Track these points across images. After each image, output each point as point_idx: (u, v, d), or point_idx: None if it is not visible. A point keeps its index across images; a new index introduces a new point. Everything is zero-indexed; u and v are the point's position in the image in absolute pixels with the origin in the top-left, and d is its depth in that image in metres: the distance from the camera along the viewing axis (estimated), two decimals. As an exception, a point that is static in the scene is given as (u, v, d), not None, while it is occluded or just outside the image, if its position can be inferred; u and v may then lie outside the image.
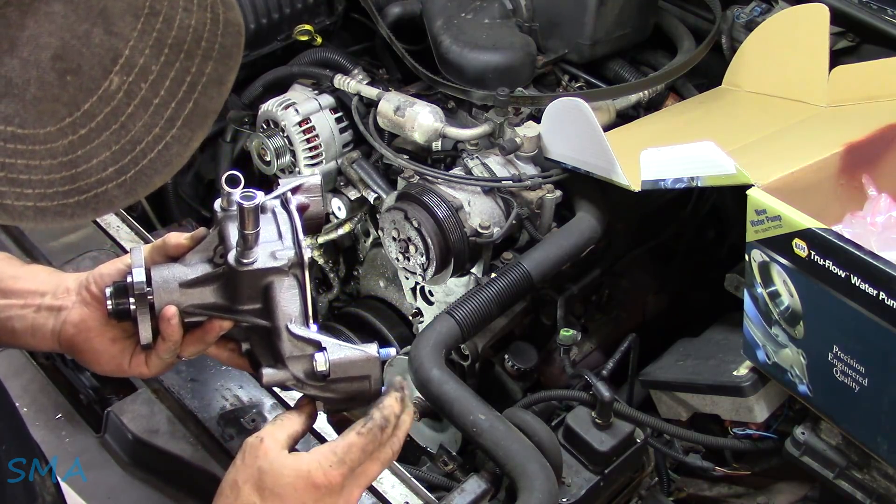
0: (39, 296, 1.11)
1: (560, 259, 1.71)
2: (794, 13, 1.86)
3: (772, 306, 1.40)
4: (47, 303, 1.10)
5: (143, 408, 1.37)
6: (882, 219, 1.37)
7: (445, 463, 1.55)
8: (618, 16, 2.03)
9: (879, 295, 1.20)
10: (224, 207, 1.10)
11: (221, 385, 1.36)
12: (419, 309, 1.98)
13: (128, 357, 1.12)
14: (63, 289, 1.11)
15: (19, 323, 1.10)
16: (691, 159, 1.49)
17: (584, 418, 1.45)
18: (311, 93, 2.13)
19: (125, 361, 1.12)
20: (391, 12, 2.14)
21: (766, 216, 1.34)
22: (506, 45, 1.98)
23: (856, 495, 1.43)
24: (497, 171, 1.84)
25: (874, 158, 1.53)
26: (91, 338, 1.10)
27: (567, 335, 1.68)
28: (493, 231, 1.75)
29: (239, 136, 2.29)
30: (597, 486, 1.43)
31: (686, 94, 2.08)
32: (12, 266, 1.15)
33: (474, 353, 1.80)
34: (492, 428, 1.35)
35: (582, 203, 1.81)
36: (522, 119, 1.91)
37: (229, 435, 1.31)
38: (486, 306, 1.60)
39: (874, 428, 1.32)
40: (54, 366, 1.51)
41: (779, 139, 1.71)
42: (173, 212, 2.35)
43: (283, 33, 2.26)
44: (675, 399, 1.69)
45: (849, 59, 1.87)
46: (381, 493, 1.24)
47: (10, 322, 1.10)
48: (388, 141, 2.00)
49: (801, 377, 1.40)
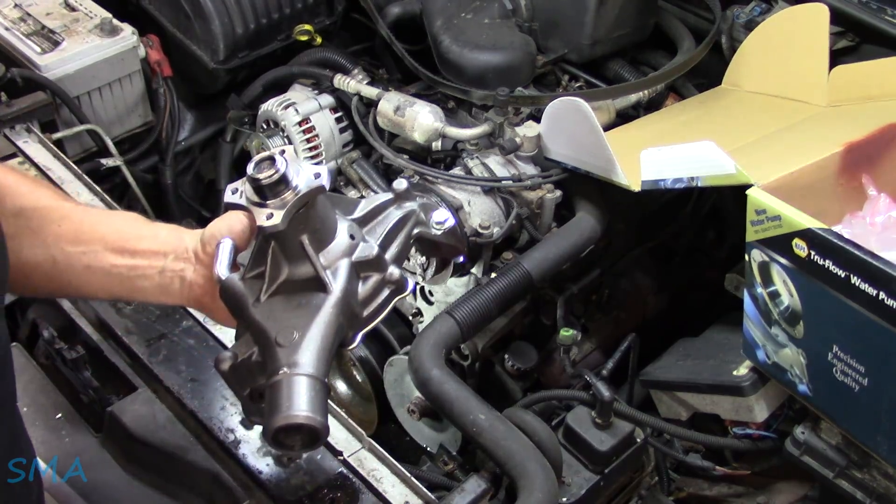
0: (163, 256, 1.11)
1: (560, 259, 1.71)
2: (794, 13, 1.86)
3: (772, 306, 1.40)
4: (170, 264, 1.11)
5: (144, 408, 1.37)
6: (882, 219, 1.37)
7: (445, 462, 1.56)
8: (618, 16, 2.03)
9: (879, 295, 1.20)
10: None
11: (221, 385, 1.36)
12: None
13: None
14: (183, 248, 1.12)
15: (148, 282, 1.11)
16: (691, 159, 1.49)
17: (584, 418, 1.45)
18: (310, 93, 2.14)
19: None
20: (391, 12, 2.14)
21: (766, 216, 1.34)
22: (506, 45, 1.98)
23: (856, 495, 1.43)
24: (497, 170, 1.84)
25: (874, 158, 1.53)
26: (217, 296, 1.10)
27: (567, 335, 1.68)
28: (492, 231, 1.75)
29: (239, 135, 2.29)
30: (597, 485, 1.43)
31: (686, 94, 2.08)
32: (137, 225, 1.16)
33: (474, 352, 1.80)
34: (492, 428, 1.35)
35: (582, 203, 1.81)
36: (522, 119, 1.91)
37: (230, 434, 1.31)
38: (485, 306, 1.60)
39: (874, 427, 1.32)
40: (54, 366, 1.51)
41: (779, 139, 1.71)
42: (173, 211, 2.35)
43: (283, 33, 2.26)
44: (675, 399, 1.69)
45: (849, 59, 1.87)
46: (381, 492, 1.24)
47: (139, 281, 1.12)
48: (388, 141, 2.00)
49: (801, 377, 1.40)
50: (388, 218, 1.08)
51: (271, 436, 0.92)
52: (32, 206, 1.12)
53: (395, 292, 1.05)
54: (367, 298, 1.03)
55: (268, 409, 0.93)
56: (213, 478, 1.29)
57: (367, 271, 1.03)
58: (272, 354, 0.96)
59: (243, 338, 1.03)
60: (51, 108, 2.01)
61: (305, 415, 0.91)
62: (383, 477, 1.26)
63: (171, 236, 1.13)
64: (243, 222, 1.08)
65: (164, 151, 2.31)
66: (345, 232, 1.02)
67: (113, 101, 2.20)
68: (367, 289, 1.03)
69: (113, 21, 2.14)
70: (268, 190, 0.96)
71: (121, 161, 2.17)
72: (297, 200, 0.96)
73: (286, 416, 0.91)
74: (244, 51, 2.22)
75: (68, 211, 1.15)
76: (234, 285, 1.01)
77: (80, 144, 2.15)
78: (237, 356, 1.01)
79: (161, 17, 2.26)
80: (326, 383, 0.95)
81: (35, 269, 1.10)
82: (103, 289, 1.13)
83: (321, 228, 1.01)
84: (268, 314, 0.99)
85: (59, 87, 2.04)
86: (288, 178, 0.96)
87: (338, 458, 1.26)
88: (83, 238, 1.12)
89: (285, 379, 0.93)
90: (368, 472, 1.25)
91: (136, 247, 1.12)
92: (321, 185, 0.97)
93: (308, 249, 0.99)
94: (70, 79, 2.07)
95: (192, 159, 2.45)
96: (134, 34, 2.15)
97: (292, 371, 0.93)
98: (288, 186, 0.96)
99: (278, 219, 0.96)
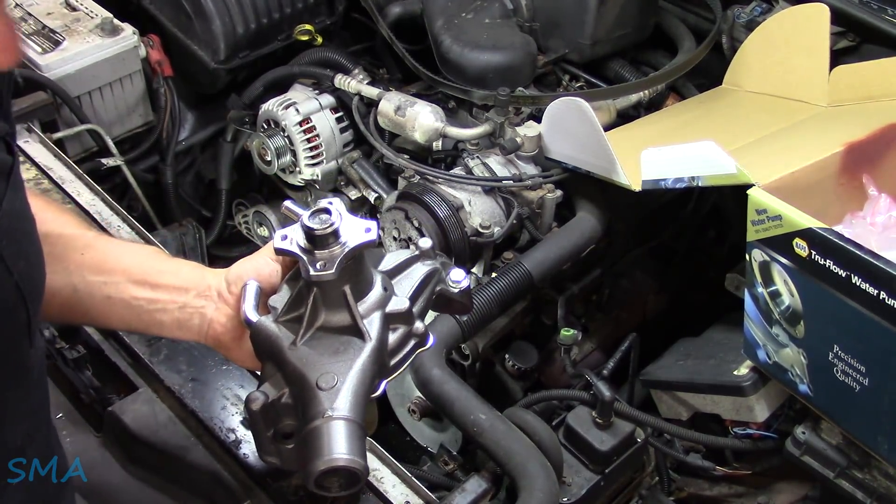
0: (184, 292, 1.12)
1: (560, 259, 1.71)
2: (795, 13, 1.86)
3: (772, 306, 1.40)
4: (191, 301, 1.12)
5: (144, 407, 1.37)
6: (882, 219, 1.37)
7: (446, 462, 1.56)
8: (618, 16, 2.03)
9: (880, 294, 1.20)
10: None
11: (222, 385, 1.36)
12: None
13: None
14: (205, 286, 1.13)
15: (166, 316, 1.12)
16: (692, 159, 1.49)
17: (585, 418, 1.45)
18: (311, 92, 2.14)
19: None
20: (392, 12, 2.14)
21: (766, 216, 1.34)
22: (506, 45, 1.98)
23: (856, 495, 1.43)
24: (498, 170, 1.84)
25: (874, 158, 1.53)
26: (238, 336, 1.12)
27: (567, 335, 1.68)
28: (493, 231, 1.75)
29: (239, 135, 2.29)
30: (597, 485, 1.43)
31: (686, 94, 2.08)
32: (159, 260, 1.17)
33: (475, 352, 1.80)
34: (492, 427, 1.35)
35: (582, 203, 1.81)
36: (523, 119, 1.91)
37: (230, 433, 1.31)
38: (486, 306, 1.60)
39: (874, 427, 1.32)
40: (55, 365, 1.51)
41: (779, 139, 1.71)
42: (174, 212, 2.35)
43: (284, 33, 2.26)
44: (676, 399, 1.69)
45: (849, 59, 1.87)
46: (381, 492, 1.24)
47: (158, 315, 1.12)
48: (388, 141, 2.00)
49: (802, 377, 1.40)
50: (413, 273, 1.12)
51: (314, 479, 0.95)
52: (57, 233, 1.13)
53: (418, 345, 1.09)
54: (394, 349, 1.07)
55: (309, 453, 0.96)
56: (213, 478, 1.29)
57: (396, 323, 1.07)
58: (312, 398, 0.99)
59: (272, 379, 1.05)
60: (51, 108, 2.01)
61: (347, 458, 0.94)
62: (384, 477, 1.26)
63: (194, 273, 1.14)
64: (270, 266, 1.11)
65: (165, 151, 2.31)
66: (379, 284, 1.07)
67: (113, 101, 2.20)
68: (394, 340, 1.07)
69: (114, 21, 2.14)
70: (319, 240, 1.01)
71: (121, 161, 2.17)
72: (348, 252, 1.01)
73: (328, 459, 0.94)
74: (245, 51, 2.22)
75: (92, 240, 1.16)
76: (268, 328, 1.04)
77: (80, 144, 2.16)
78: (268, 396, 1.04)
79: (162, 17, 2.26)
80: (365, 427, 0.99)
81: (54, 295, 1.10)
82: (122, 320, 1.14)
83: (361, 280, 1.05)
84: (305, 358, 1.02)
85: (59, 86, 2.04)
86: (339, 232, 1.01)
87: (338, 458, 1.25)
88: (106, 268, 1.13)
89: (326, 423, 0.96)
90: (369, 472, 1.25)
91: (157, 281, 1.12)
92: (372, 240, 1.02)
93: (350, 299, 1.03)
94: (71, 78, 2.07)
95: (192, 159, 2.45)
96: (135, 34, 2.15)
97: (333, 415, 0.96)
98: (338, 239, 1.01)
99: (332, 269, 1.00)
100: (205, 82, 2.30)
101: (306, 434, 0.97)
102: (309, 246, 1.01)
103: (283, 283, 1.09)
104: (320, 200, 1.04)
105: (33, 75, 2.01)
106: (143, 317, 1.12)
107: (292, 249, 1.02)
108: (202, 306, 1.12)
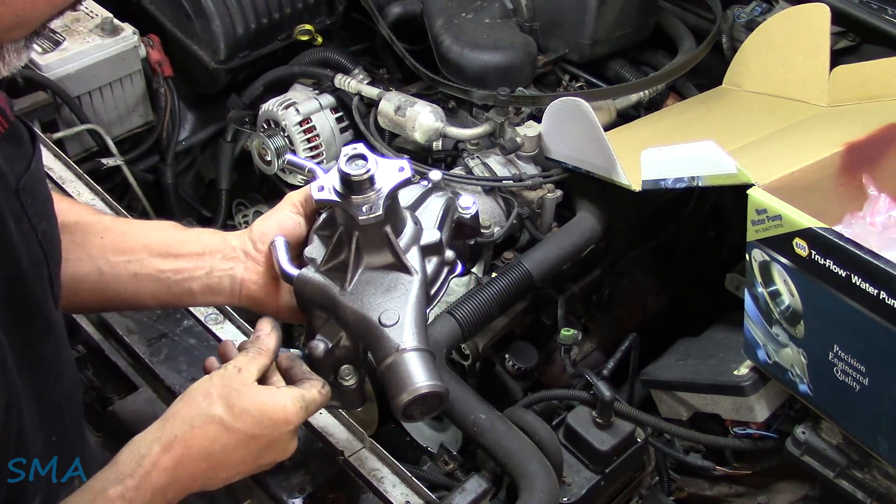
0: (209, 256, 1.13)
1: (561, 259, 1.71)
2: (795, 13, 1.86)
3: (772, 306, 1.40)
4: (218, 264, 1.13)
5: (145, 407, 1.37)
6: (882, 219, 1.37)
7: (446, 462, 1.55)
8: (618, 16, 2.03)
9: (880, 294, 1.20)
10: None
11: (222, 384, 1.36)
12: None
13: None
14: (229, 248, 1.14)
15: (196, 284, 1.13)
16: (692, 159, 1.49)
17: (585, 418, 1.45)
18: (311, 92, 2.14)
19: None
20: (392, 12, 2.14)
21: (766, 216, 1.34)
22: (506, 45, 1.98)
23: (856, 494, 1.43)
24: (498, 170, 1.84)
25: (874, 158, 1.53)
26: (272, 291, 1.13)
27: (567, 335, 1.68)
28: (493, 230, 1.75)
29: (239, 135, 2.29)
30: (597, 485, 1.43)
31: (686, 94, 2.08)
32: (178, 231, 1.18)
33: (475, 352, 1.80)
34: (492, 427, 1.35)
35: (582, 203, 1.81)
36: (523, 119, 1.91)
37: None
38: (486, 306, 1.60)
39: (875, 427, 1.32)
40: (55, 365, 1.51)
41: (779, 139, 1.71)
42: (174, 212, 2.35)
43: (284, 33, 2.26)
44: (676, 398, 1.69)
45: (849, 59, 1.87)
46: (381, 492, 1.24)
47: (186, 283, 1.13)
48: (388, 141, 2.00)
49: (802, 376, 1.40)
50: (430, 205, 1.15)
51: (402, 410, 1.00)
52: (74, 221, 1.14)
53: (450, 272, 1.14)
54: (432, 279, 1.11)
55: (392, 387, 1.00)
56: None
57: (429, 255, 1.11)
58: (380, 336, 1.02)
59: (325, 326, 1.09)
60: (51, 108, 2.01)
61: (429, 384, 1.00)
62: (384, 477, 1.26)
63: (215, 238, 1.16)
64: (293, 219, 1.12)
65: (165, 151, 2.31)
66: (410, 220, 1.10)
67: (114, 101, 2.20)
68: (431, 270, 1.11)
69: (114, 21, 2.15)
70: (357, 186, 1.03)
71: (121, 161, 2.17)
72: (389, 192, 1.03)
73: (413, 389, 0.99)
74: (245, 50, 2.22)
75: (109, 223, 1.17)
76: (313, 278, 1.07)
77: (80, 144, 2.16)
78: (328, 343, 1.08)
79: (162, 17, 2.26)
80: (433, 353, 1.04)
81: (81, 282, 1.12)
82: (152, 295, 1.15)
83: (398, 218, 1.09)
84: (361, 300, 1.05)
85: (59, 86, 2.04)
86: (374, 176, 1.03)
87: (338, 458, 1.26)
88: (127, 247, 1.14)
89: (402, 357, 1.01)
90: (369, 472, 1.25)
91: (179, 251, 1.13)
92: (408, 178, 1.05)
93: (392, 238, 1.06)
94: (71, 78, 2.07)
95: (192, 159, 2.45)
96: (135, 34, 2.15)
97: (406, 348, 1.01)
98: (373, 183, 1.03)
99: (378, 211, 1.02)
100: (205, 82, 2.30)
101: (384, 370, 1.01)
102: (346, 192, 1.03)
103: (313, 233, 1.12)
104: (345, 147, 1.05)
105: (33, 75, 2.01)
106: (172, 288, 1.13)
107: (333, 198, 1.04)
108: (230, 268, 1.13)
